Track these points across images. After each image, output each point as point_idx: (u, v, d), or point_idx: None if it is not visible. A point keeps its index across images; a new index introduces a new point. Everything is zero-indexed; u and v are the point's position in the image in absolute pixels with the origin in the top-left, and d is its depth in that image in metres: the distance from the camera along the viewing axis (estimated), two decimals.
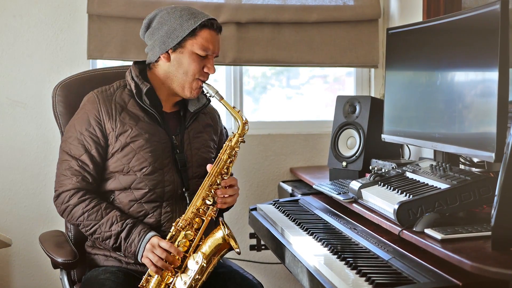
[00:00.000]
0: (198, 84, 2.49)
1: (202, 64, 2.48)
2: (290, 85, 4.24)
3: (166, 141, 2.51)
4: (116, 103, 2.49)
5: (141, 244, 2.35)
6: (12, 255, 3.67)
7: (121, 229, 2.38)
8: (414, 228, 2.07)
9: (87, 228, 2.43)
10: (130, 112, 2.49)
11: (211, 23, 2.47)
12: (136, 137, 2.46)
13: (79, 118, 2.51)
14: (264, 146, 3.93)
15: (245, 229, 3.82)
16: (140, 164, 2.46)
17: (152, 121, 2.50)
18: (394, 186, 2.39)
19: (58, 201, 2.49)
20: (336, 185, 2.90)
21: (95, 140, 2.46)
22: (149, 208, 2.46)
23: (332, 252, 2.23)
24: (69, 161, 2.47)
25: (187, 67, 2.47)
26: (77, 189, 2.45)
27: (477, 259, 1.75)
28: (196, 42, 2.45)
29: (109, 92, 2.52)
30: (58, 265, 2.51)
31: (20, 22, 3.60)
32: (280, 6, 3.79)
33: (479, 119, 2.19)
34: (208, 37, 2.47)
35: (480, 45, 2.19)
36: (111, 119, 2.47)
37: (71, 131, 2.51)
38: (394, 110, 2.86)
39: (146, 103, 2.48)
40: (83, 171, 2.46)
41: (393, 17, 3.90)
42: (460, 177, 2.21)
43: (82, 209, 2.43)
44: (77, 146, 2.47)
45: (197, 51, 2.46)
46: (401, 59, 2.82)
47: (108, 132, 2.47)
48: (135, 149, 2.46)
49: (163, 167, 2.48)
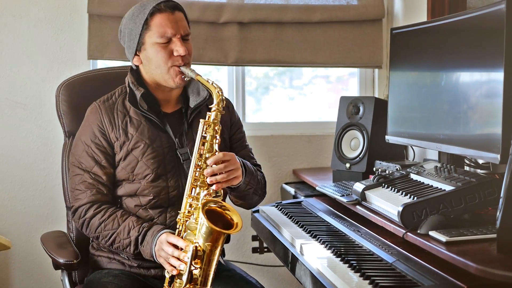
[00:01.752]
0: (176, 71, 2.43)
1: (168, 50, 2.41)
2: (293, 85, 4.24)
3: (169, 144, 2.49)
4: (118, 111, 2.49)
5: (153, 244, 2.32)
6: (11, 258, 3.67)
7: (138, 233, 2.37)
8: (419, 231, 2.07)
9: (106, 238, 2.42)
10: (133, 119, 2.48)
11: (159, 6, 2.40)
12: (137, 144, 2.46)
13: (84, 130, 2.51)
14: (266, 148, 3.93)
15: (247, 232, 3.82)
16: (143, 172, 2.45)
17: (153, 126, 2.49)
18: (398, 188, 2.39)
19: (75, 216, 2.49)
20: (339, 187, 2.91)
21: (103, 150, 2.47)
22: (154, 213, 2.46)
23: (335, 255, 2.23)
24: (81, 175, 2.47)
25: (155, 59, 2.42)
26: (92, 202, 2.45)
27: (482, 261, 1.75)
28: (151, 32, 2.40)
29: (111, 101, 2.52)
30: (60, 266, 2.51)
31: (20, 22, 3.60)
32: (282, 6, 3.79)
33: (484, 120, 2.19)
34: (160, 21, 2.40)
35: (485, 45, 2.19)
36: (114, 129, 2.47)
37: (78, 144, 2.51)
38: (398, 111, 2.86)
39: (143, 108, 2.47)
40: (97, 184, 2.46)
41: (397, 17, 3.90)
42: (465, 178, 2.21)
43: (98, 220, 2.43)
44: (87, 159, 2.47)
45: (156, 40, 2.40)
46: (405, 59, 2.82)
47: (113, 141, 2.47)
48: (137, 157, 2.45)
49: (166, 172, 2.47)
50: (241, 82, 3.96)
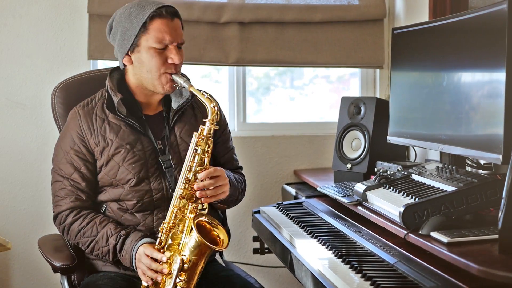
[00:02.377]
0: (167, 78, 2.41)
1: (163, 57, 2.39)
2: (294, 85, 4.25)
3: (151, 148, 2.47)
4: (97, 117, 2.47)
5: (132, 255, 2.34)
6: (11, 259, 3.68)
7: (115, 242, 2.38)
8: (420, 231, 2.08)
9: (85, 245, 2.44)
10: (112, 124, 2.46)
11: (160, 11, 2.38)
12: (118, 149, 2.44)
13: (63, 137, 2.51)
14: (267, 148, 3.93)
15: (248, 232, 3.83)
16: (125, 177, 2.44)
17: (133, 130, 2.47)
18: (399, 189, 2.39)
19: (56, 222, 2.51)
20: (340, 188, 2.91)
21: (82, 157, 2.46)
22: (140, 217, 2.46)
23: (336, 256, 2.23)
24: (61, 182, 2.48)
25: (148, 64, 2.40)
26: (71, 209, 2.46)
27: (484, 262, 1.75)
28: (149, 36, 2.37)
29: (90, 106, 2.50)
30: (57, 270, 2.52)
31: (19, 22, 3.61)
32: (283, 6, 3.79)
33: (486, 120, 2.19)
34: (160, 27, 2.37)
35: (487, 45, 2.19)
36: (93, 135, 2.45)
37: (58, 151, 2.51)
38: (399, 111, 2.86)
39: (122, 114, 2.44)
40: (76, 190, 2.46)
41: (399, 16, 3.90)
42: (466, 179, 2.21)
43: (77, 227, 2.44)
44: (66, 165, 2.47)
45: (153, 45, 2.37)
46: (407, 59, 2.83)
47: (93, 147, 2.46)
48: (118, 162, 2.44)
49: (149, 176, 2.45)
50: (242, 82, 3.97)
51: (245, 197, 2.85)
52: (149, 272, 2.28)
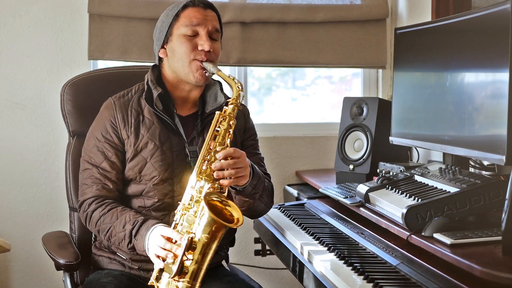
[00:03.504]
0: (197, 65, 2.42)
1: (193, 44, 2.43)
2: (296, 86, 4.25)
3: (179, 148, 2.48)
4: (132, 109, 2.50)
5: (146, 238, 2.28)
6: (11, 260, 3.68)
7: (132, 226, 2.35)
8: (423, 233, 2.08)
9: (104, 232, 2.42)
10: (146, 118, 2.49)
11: (192, 1, 2.45)
12: (147, 144, 2.45)
13: (97, 125, 2.53)
14: (269, 149, 3.93)
15: (249, 234, 3.82)
16: (150, 173, 2.45)
17: (165, 128, 2.48)
18: (402, 190, 2.40)
19: (81, 210, 2.51)
20: (343, 189, 2.91)
21: (113, 146, 2.48)
22: (157, 216, 2.45)
23: (339, 257, 2.23)
24: (90, 170, 2.49)
25: (179, 51, 2.44)
26: (96, 197, 2.46)
27: (487, 264, 1.75)
28: (179, 23, 2.44)
29: (126, 98, 2.53)
30: (60, 267, 2.52)
31: (19, 21, 3.61)
32: (285, 6, 3.80)
33: (490, 121, 2.20)
34: (190, 14, 2.44)
35: (491, 45, 2.19)
36: (126, 126, 2.48)
37: (89, 139, 2.53)
38: (402, 112, 2.87)
39: (158, 108, 2.47)
40: (104, 179, 2.47)
41: (401, 16, 3.91)
42: (470, 180, 2.22)
43: (99, 213, 2.43)
44: (96, 153, 2.49)
45: (183, 31, 2.43)
46: (410, 59, 2.83)
47: (124, 138, 2.48)
48: (146, 158, 2.45)
49: (173, 176, 2.46)
50: (243, 82, 3.97)
51: None
52: (160, 251, 2.20)
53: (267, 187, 2.55)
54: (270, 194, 2.57)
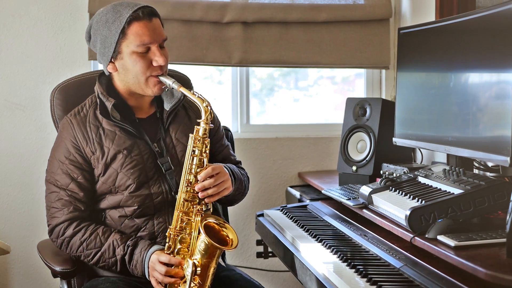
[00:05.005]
0: (155, 81, 2.40)
1: (147, 60, 2.38)
2: (298, 86, 4.25)
3: (148, 151, 2.47)
4: (91, 124, 2.47)
5: (144, 264, 2.35)
6: (11, 263, 3.69)
7: (123, 252, 2.38)
8: (427, 235, 2.08)
9: (89, 258, 2.43)
10: (106, 130, 2.46)
11: (136, 14, 2.35)
12: (115, 156, 2.44)
13: (57, 146, 2.50)
14: (271, 150, 3.94)
15: (251, 236, 3.83)
16: (125, 183, 2.44)
17: (129, 135, 2.46)
18: (405, 191, 2.40)
19: (53, 235, 2.48)
20: (345, 190, 2.91)
21: (78, 166, 2.45)
22: (140, 222, 2.46)
23: (341, 260, 2.24)
24: (57, 193, 2.46)
25: (133, 69, 2.39)
26: (70, 220, 2.44)
27: (491, 266, 1.75)
28: (129, 41, 2.36)
29: (82, 114, 2.49)
30: (57, 274, 2.52)
31: (19, 21, 3.62)
32: (288, 5, 3.80)
33: (494, 122, 2.20)
34: (138, 31, 2.35)
35: (495, 45, 2.19)
36: (89, 143, 2.45)
37: (53, 162, 2.49)
38: (405, 113, 2.87)
39: (116, 119, 2.44)
40: (74, 200, 2.45)
41: (405, 16, 3.91)
42: (474, 182, 2.22)
43: (79, 240, 2.43)
44: (62, 176, 2.45)
45: (134, 49, 2.36)
46: (413, 60, 2.83)
47: (89, 156, 2.45)
48: (117, 169, 2.44)
49: (148, 180, 2.45)
50: (245, 83, 3.97)
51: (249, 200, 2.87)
52: (166, 279, 2.30)
53: (245, 181, 2.64)
54: (247, 184, 2.68)
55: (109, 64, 2.43)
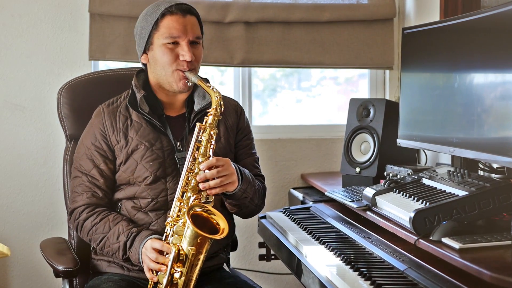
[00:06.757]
0: (180, 75, 2.47)
1: (175, 54, 2.46)
2: (301, 87, 4.25)
3: (170, 147, 2.52)
4: (120, 114, 2.55)
5: (140, 250, 2.37)
6: (10, 265, 3.69)
7: (126, 238, 2.41)
8: (431, 237, 2.08)
9: (96, 242, 2.48)
10: (134, 122, 2.53)
11: (170, 9, 2.45)
12: (137, 146, 2.50)
13: (87, 133, 2.59)
14: (273, 151, 3.94)
15: (254, 238, 3.83)
16: (142, 175, 2.49)
17: (154, 129, 2.53)
18: (410, 193, 2.40)
19: (71, 218, 2.57)
20: (349, 192, 2.91)
21: (102, 154, 2.53)
22: (153, 216, 2.50)
23: (345, 262, 2.24)
24: (79, 177, 2.54)
25: (161, 61, 2.48)
26: (87, 205, 2.51)
27: (497, 269, 1.75)
28: (160, 33, 2.46)
29: (115, 105, 2.58)
30: (59, 274, 2.53)
31: (19, 21, 3.62)
32: (290, 5, 3.80)
33: (499, 123, 2.20)
34: (169, 23, 2.45)
35: (500, 45, 2.19)
36: (115, 132, 2.52)
37: (80, 147, 2.59)
38: (410, 114, 2.87)
39: (144, 111, 2.51)
40: (93, 186, 2.52)
41: (409, 16, 3.91)
42: (479, 183, 2.22)
43: (91, 223, 2.49)
44: (86, 161, 2.54)
45: (163, 41, 2.45)
46: (417, 60, 2.83)
47: (114, 144, 2.53)
48: (137, 160, 2.50)
49: (166, 175, 2.50)
50: (247, 83, 3.98)
51: None
52: (152, 264, 2.30)
53: (258, 190, 2.62)
54: (261, 196, 2.67)
55: (143, 55, 2.55)
